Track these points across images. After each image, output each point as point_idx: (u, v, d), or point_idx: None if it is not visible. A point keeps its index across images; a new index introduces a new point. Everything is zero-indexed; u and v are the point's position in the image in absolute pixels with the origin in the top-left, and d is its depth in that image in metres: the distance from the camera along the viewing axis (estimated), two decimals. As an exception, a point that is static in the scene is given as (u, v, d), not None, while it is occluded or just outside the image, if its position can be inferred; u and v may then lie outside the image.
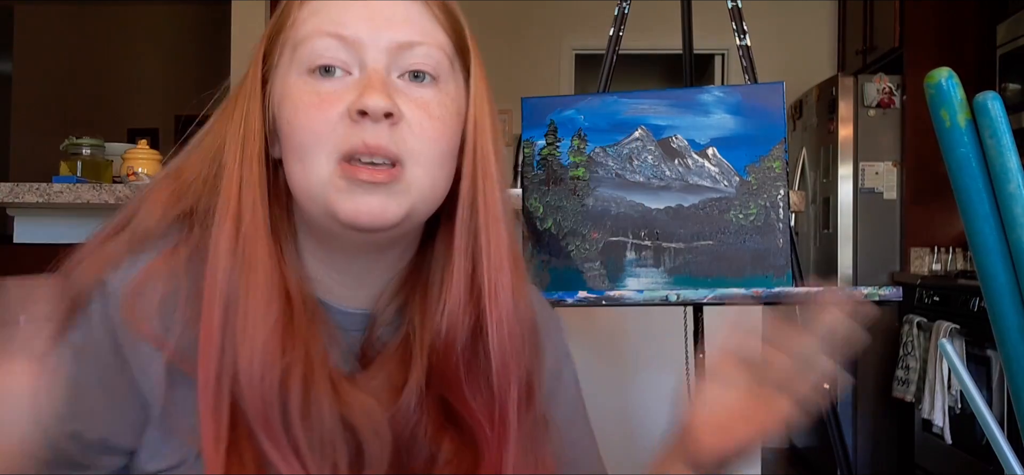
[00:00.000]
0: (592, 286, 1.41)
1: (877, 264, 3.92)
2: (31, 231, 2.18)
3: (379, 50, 0.70)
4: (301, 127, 0.69)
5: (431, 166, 0.71)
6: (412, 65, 0.71)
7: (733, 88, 1.41)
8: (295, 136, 0.70)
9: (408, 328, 0.76)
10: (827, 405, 1.57)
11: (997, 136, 0.55)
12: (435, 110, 0.71)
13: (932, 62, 0.95)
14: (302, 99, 0.69)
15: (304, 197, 0.71)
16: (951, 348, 0.60)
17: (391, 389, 0.73)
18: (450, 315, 0.74)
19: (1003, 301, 0.57)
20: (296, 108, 0.69)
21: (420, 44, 0.71)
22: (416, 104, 0.70)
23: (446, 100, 0.72)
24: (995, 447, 0.59)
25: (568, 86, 4.91)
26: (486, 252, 0.74)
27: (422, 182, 0.70)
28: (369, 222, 0.69)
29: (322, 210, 0.70)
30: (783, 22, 4.74)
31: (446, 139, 0.72)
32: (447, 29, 0.74)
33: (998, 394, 2.98)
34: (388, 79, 0.70)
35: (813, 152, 4.25)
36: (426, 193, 0.71)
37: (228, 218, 0.70)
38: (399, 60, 0.71)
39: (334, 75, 0.70)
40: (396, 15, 0.71)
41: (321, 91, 0.69)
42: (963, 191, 0.57)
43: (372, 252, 0.75)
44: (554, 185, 1.43)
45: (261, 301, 0.68)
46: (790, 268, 1.37)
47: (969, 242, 0.58)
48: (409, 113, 0.70)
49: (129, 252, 0.71)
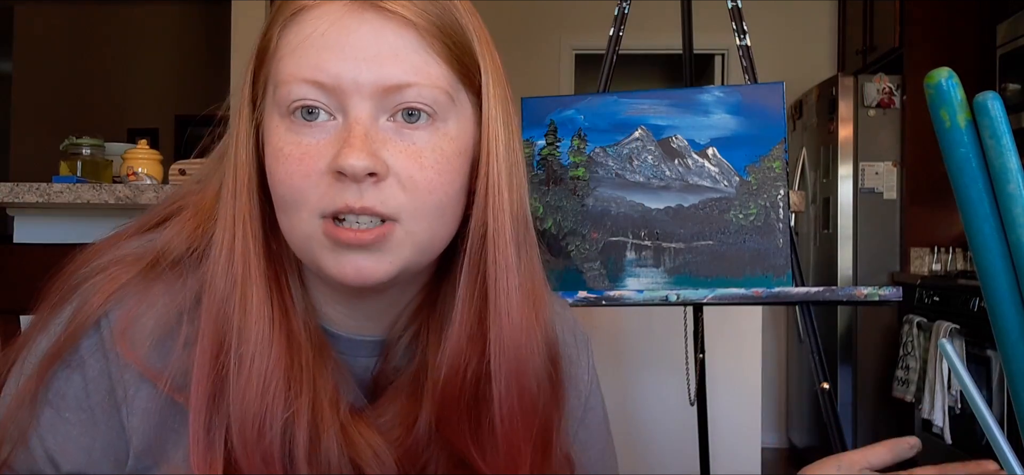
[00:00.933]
0: (592, 286, 1.41)
1: (877, 264, 3.92)
2: (31, 231, 2.18)
3: (362, 96, 0.62)
4: (282, 182, 0.63)
5: (427, 219, 0.64)
6: (404, 104, 0.63)
7: (733, 88, 1.41)
8: (278, 189, 0.64)
9: (420, 360, 0.71)
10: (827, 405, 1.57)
11: (997, 136, 0.55)
12: (428, 159, 0.63)
13: (932, 62, 0.95)
14: (283, 150, 0.63)
15: (294, 246, 0.66)
16: (951, 348, 0.60)
17: (402, 425, 0.69)
18: (450, 362, 0.68)
19: (1003, 301, 0.57)
20: (277, 159, 0.63)
21: (411, 85, 0.62)
22: (405, 154, 0.62)
23: (443, 142, 0.64)
24: (995, 447, 0.59)
25: (568, 86, 4.91)
26: (493, 298, 0.67)
27: (419, 236, 0.64)
28: (356, 282, 0.63)
29: (312, 265, 0.66)
30: (783, 22, 4.74)
31: (443, 187, 0.64)
32: (446, 57, 0.64)
33: (998, 394, 2.98)
34: (372, 129, 0.62)
35: (813, 152, 4.25)
36: (425, 245, 0.65)
37: (223, 252, 0.65)
38: (387, 102, 0.62)
39: (317, 118, 0.62)
40: (383, 51, 0.62)
41: (302, 143, 0.62)
42: (963, 191, 0.57)
43: (370, 296, 0.70)
44: (554, 185, 1.43)
45: (255, 347, 0.64)
46: (790, 268, 1.37)
47: (969, 242, 0.58)
48: (398, 165, 0.62)
49: (143, 279, 0.67)
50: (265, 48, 0.66)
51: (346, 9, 0.63)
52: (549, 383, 0.72)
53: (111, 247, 0.70)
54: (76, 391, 0.65)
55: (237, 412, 0.62)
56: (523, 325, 0.68)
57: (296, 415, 0.63)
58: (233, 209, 0.66)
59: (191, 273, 0.68)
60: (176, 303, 0.66)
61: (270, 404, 0.63)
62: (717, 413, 2.11)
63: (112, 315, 0.65)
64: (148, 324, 0.65)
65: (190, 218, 0.70)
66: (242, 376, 0.63)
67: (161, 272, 0.68)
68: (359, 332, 0.72)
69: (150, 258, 0.68)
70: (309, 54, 0.62)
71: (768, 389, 4.51)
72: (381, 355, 0.72)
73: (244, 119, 0.67)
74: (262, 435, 0.62)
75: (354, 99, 0.62)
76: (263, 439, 0.62)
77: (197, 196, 0.72)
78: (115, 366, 0.65)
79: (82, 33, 5.98)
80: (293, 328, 0.66)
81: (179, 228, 0.70)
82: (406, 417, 0.69)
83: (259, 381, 0.63)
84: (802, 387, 4.36)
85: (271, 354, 0.64)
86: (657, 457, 2.22)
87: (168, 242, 0.69)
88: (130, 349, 0.64)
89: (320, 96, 0.62)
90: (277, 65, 0.64)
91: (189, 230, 0.69)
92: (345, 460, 0.65)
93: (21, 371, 0.67)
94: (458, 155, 0.65)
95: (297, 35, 0.63)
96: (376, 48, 0.62)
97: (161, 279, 0.67)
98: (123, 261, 0.68)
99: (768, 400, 4.50)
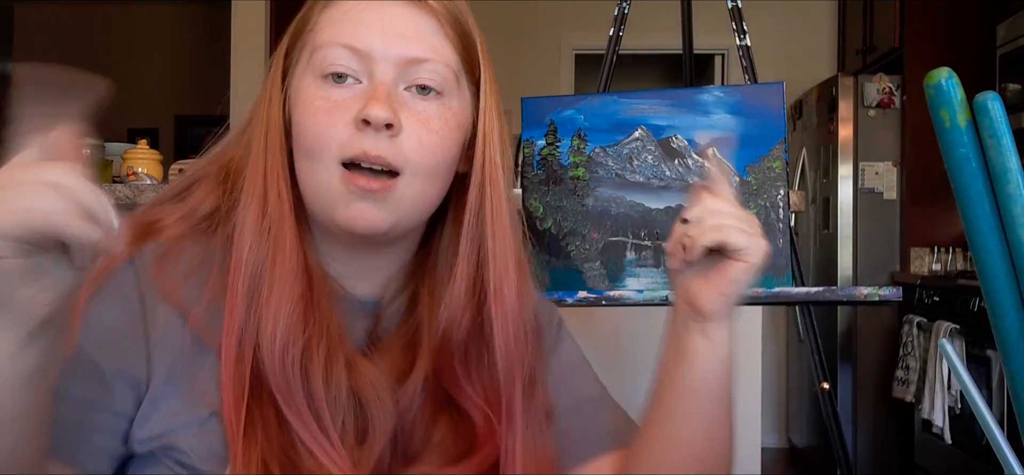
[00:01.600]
0: (592, 286, 1.41)
1: (877, 264, 3.92)
2: (31, 231, 2.17)
3: (388, 63, 0.74)
4: (310, 131, 0.73)
5: (424, 178, 0.75)
6: (418, 80, 0.74)
7: (733, 88, 1.41)
8: (304, 138, 0.74)
9: (414, 321, 0.80)
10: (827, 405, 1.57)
11: (997, 136, 0.55)
12: (435, 124, 0.75)
13: (932, 62, 0.95)
14: (313, 103, 0.74)
15: (309, 195, 0.75)
16: (951, 348, 0.60)
17: (396, 374, 0.77)
18: (450, 314, 0.78)
19: (1003, 301, 0.57)
20: (307, 111, 0.74)
21: (428, 61, 0.74)
22: (417, 118, 0.74)
23: (448, 114, 0.76)
24: (995, 447, 0.59)
25: (568, 86, 4.91)
26: (492, 257, 0.78)
27: (413, 193, 0.75)
28: (363, 228, 0.73)
29: (323, 211, 0.75)
30: (783, 22, 4.74)
31: (442, 152, 0.75)
32: (457, 45, 0.77)
33: (998, 394, 2.98)
34: (394, 91, 0.74)
35: (813, 152, 4.25)
36: (417, 202, 0.76)
37: (254, 200, 0.74)
38: (407, 74, 0.74)
39: (345, 82, 0.74)
40: (408, 31, 0.74)
41: (331, 97, 0.73)
42: (963, 191, 0.57)
43: (371, 249, 0.79)
44: (554, 185, 1.43)
45: (288, 276, 0.73)
46: (790, 268, 1.37)
47: (969, 242, 0.58)
48: (409, 125, 0.73)
49: (176, 227, 0.76)
50: (303, 25, 0.78)
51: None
52: (534, 334, 0.83)
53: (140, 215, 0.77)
54: (114, 313, 0.71)
55: (267, 330, 0.71)
56: (515, 280, 0.79)
57: (312, 340, 0.72)
58: (264, 161, 0.75)
59: (221, 227, 0.77)
60: (206, 251, 0.75)
61: (293, 327, 0.71)
62: (717, 413, 2.11)
63: (146, 252, 0.73)
64: (180, 264, 0.74)
65: (215, 183, 0.79)
66: (272, 300, 0.71)
67: (192, 224, 0.77)
68: (355, 291, 0.80)
69: (181, 213, 0.77)
70: (347, 26, 0.74)
71: (768, 389, 4.51)
72: (374, 316, 0.81)
73: (276, 83, 0.77)
74: (285, 352, 0.70)
75: (381, 65, 0.74)
76: (286, 356, 0.70)
77: (220, 163, 0.81)
78: (148, 295, 0.72)
79: (82, 33, 5.98)
80: (313, 270, 0.76)
81: (207, 191, 0.79)
82: (400, 368, 0.77)
83: (286, 305, 0.71)
84: (802, 387, 4.36)
85: (295, 287, 0.72)
86: (657, 457, 2.22)
87: (198, 202, 0.78)
88: (165, 280, 0.72)
89: (352, 61, 0.74)
90: (316, 37, 0.75)
91: (216, 193, 0.78)
92: (349, 389, 0.73)
93: None
94: (458, 129, 0.77)
95: (336, 11, 0.75)
96: (403, 27, 0.74)
97: (192, 232, 0.77)
98: (155, 212, 0.78)
99: (768, 400, 4.50)
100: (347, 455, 0.71)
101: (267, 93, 0.78)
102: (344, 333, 0.76)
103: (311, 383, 0.71)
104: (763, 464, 2.40)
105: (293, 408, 0.70)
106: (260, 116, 0.78)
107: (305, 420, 0.70)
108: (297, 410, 0.70)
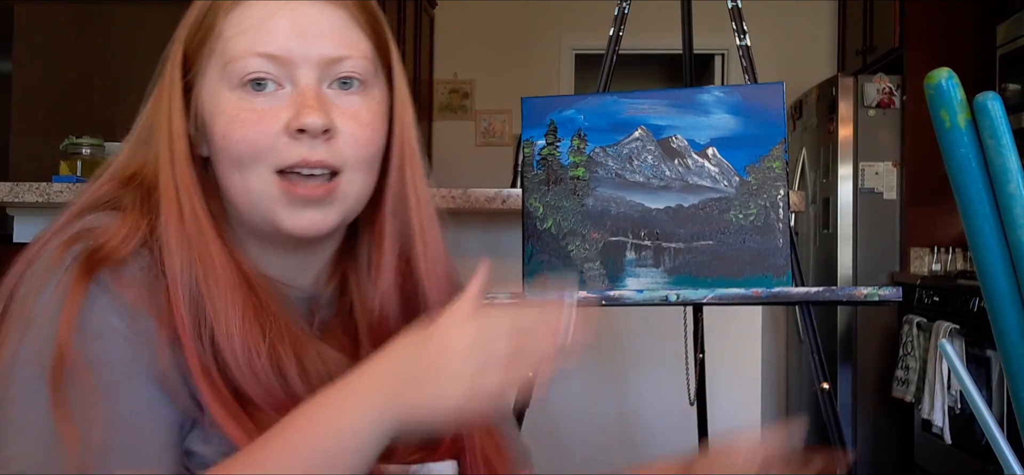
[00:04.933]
0: (592, 286, 1.41)
1: (877, 264, 3.92)
2: (31, 231, 2.18)
3: (309, 66, 0.73)
4: (238, 141, 0.72)
5: (363, 171, 0.76)
6: (341, 74, 0.74)
7: (733, 88, 1.41)
8: (231, 149, 0.72)
9: (349, 302, 0.82)
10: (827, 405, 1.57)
11: (997, 137, 0.55)
12: (365, 117, 0.75)
13: (932, 62, 0.95)
14: (238, 114, 0.72)
15: (242, 204, 0.74)
16: (951, 348, 0.60)
17: (348, 360, 0.76)
18: (383, 296, 0.79)
19: (1003, 301, 0.57)
20: (233, 123, 0.72)
21: (347, 57, 0.74)
22: (347, 114, 0.74)
23: (373, 104, 0.76)
24: (995, 447, 0.59)
25: (568, 86, 4.91)
26: (420, 238, 0.80)
27: (356, 187, 0.75)
28: (309, 233, 0.74)
29: (262, 217, 0.74)
30: (783, 22, 4.74)
31: (376, 143, 0.76)
32: (370, 35, 0.77)
33: (998, 394, 2.98)
34: (321, 93, 0.73)
35: (813, 152, 4.25)
36: (360, 195, 0.77)
37: (172, 216, 0.72)
38: (328, 72, 0.74)
39: (266, 88, 0.72)
40: (323, 29, 0.74)
41: (257, 107, 0.72)
42: (963, 191, 0.57)
43: (308, 247, 0.79)
44: (554, 185, 1.43)
45: (226, 290, 0.71)
46: (790, 268, 1.37)
47: (969, 242, 0.58)
48: (342, 125, 0.73)
49: (121, 246, 0.70)
50: (206, 32, 0.75)
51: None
52: None
53: (42, 248, 0.71)
54: (118, 353, 0.67)
55: (225, 349, 0.69)
56: (439, 247, 0.82)
57: (275, 343, 0.71)
58: (173, 176, 0.73)
59: (138, 206, 0.74)
60: (146, 263, 0.71)
61: (251, 336, 0.70)
62: (717, 413, 2.11)
63: (102, 276, 0.68)
64: (133, 275, 0.69)
65: (135, 196, 0.75)
66: (219, 319, 0.69)
67: (133, 244, 0.71)
68: (294, 284, 0.80)
69: (119, 234, 0.71)
70: (261, 32, 0.72)
71: (768, 389, 4.51)
72: (311, 309, 0.80)
73: (176, 93, 0.75)
74: (252, 365, 0.69)
75: (302, 69, 0.73)
76: (255, 366, 0.69)
77: (125, 176, 0.77)
78: (131, 317, 0.68)
79: (82, 33, 5.98)
80: (250, 275, 0.74)
81: (131, 206, 0.74)
82: (349, 354, 0.77)
83: (234, 318, 0.70)
84: (802, 387, 4.36)
85: (237, 297, 0.71)
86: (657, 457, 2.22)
87: (131, 222, 0.72)
88: (135, 294, 0.68)
89: (271, 68, 0.72)
90: (226, 46, 0.73)
91: (138, 210, 0.74)
92: (323, 376, 0.72)
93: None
94: (382, 117, 0.77)
95: (244, 17, 0.73)
96: (318, 26, 0.73)
97: (134, 251, 0.71)
98: (92, 237, 0.71)
99: (768, 400, 4.50)
100: None
101: (166, 104, 0.75)
102: (302, 326, 0.76)
103: (290, 383, 0.71)
104: (763, 464, 2.39)
105: (280, 412, 0.68)
106: (162, 128, 0.75)
107: None
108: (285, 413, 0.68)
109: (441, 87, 4.96)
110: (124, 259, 0.69)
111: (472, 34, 4.90)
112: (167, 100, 0.75)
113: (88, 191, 0.77)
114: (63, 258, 0.68)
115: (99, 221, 0.72)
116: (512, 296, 0.72)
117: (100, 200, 0.75)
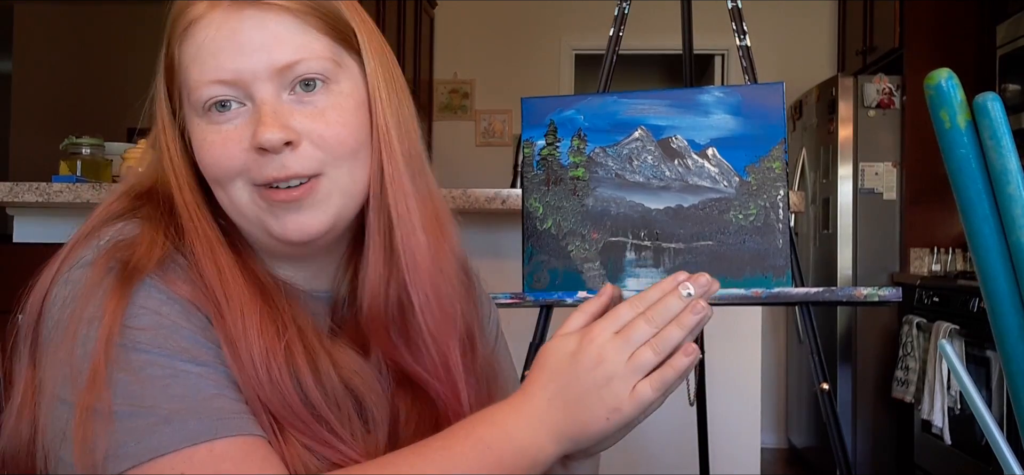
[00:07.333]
0: (592, 286, 1.41)
1: (877, 264, 3.92)
2: (31, 231, 2.18)
3: (262, 80, 0.72)
4: (211, 164, 0.73)
5: (345, 165, 0.74)
6: (298, 78, 0.73)
7: (733, 88, 1.41)
8: (209, 172, 0.74)
9: (359, 300, 0.81)
10: (827, 405, 1.57)
11: (997, 137, 0.55)
12: (331, 115, 0.73)
13: (932, 62, 0.95)
14: (205, 138, 0.73)
15: (237, 218, 0.76)
16: (951, 349, 0.60)
17: (363, 360, 0.78)
18: (370, 288, 0.78)
19: (1003, 302, 0.57)
20: (203, 149, 0.73)
21: (299, 60, 0.72)
22: (311, 117, 0.73)
23: (341, 99, 0.74)
24: (994, 448, 0.59)
25: (568, 86, 4.91)
26: (399, 222, 0.77)
27: (341, 183, 0.74)
28: (299, 237, 0.74)
29: (254, 227, 0.75)
30: (783, 22, 4.74)
31: (351, 135, 0.74)
32: (323, 30, 0.74)
33: (998, 394, 2.98)
34: (279, 106, 0.72)
35: (813, 152, 4.25)
36: (348, 190, 0.75)
37: (198, 241, 0.74)
38: (284, 79, 0.72)
39: (229, 109, 0.72)
40: (267, 40, 0.72)
41: (222, 131, 0.73)
42: (963, 192, 0.57)
43: (314, 249, 0.79)
44: (554, 185, 1.43)
45: (241, 297, 0.71)
46: (790, 269, 1.37)
47: (969, 243, 0.58)
48: (306, 128, 0.72)
49: (156, 260, 0.72)
50: (170, 65, 0.76)
51: (228, 11, 0.72)
52: (464, 289, 0.84)
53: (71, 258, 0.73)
54: (178, 335, 0.68)
55: (243, 355, 0.69)
56: (430, 241, 0.79)
57: (291, 344, 0.72)
58: (183, 201, 0.75)
59: (154, 216, 0.75)
60: (183, 266, 0.73)
61: (268, 339, 0.70)
62: (717, 413, 2.11)
63: (149, 278, 0.70)
64: (177, 275, 0.71)
65: (156, 211, 0.76)
66: (237, 329, 0.70)
67: (162, 255, 0.73)
68: (311, 288, 0.81)
69: (155, 249, 0.73)
70: (207, 59, 0.72)
71: (768, 389, 4.51)
72: (331, 308, 0.82)
73: (168, 127, 0.77)
74: (269, 366, 0.70)
75: (256, 85, 0.72)
76: (272, 369, 0.70)
77: (142, 189, 0.78)
78: (186, 310, 0.70)
79: (82, 33, 5.98)
80: (261, 279, 0.75)
81: (150, 218, 0.75)
82: (359, 348, 0.78)
83: (253, 329, 0.70)
84: (802, 387, 4.36)
85: (253, 304, 0.72)
86: (657, 457, 2.22)
87: (141, 238, 0.73)
88: (188, 290, 0.70)
89: (227, 91, 0.72)
90: (185, 76, 0.74)
91: (161, 224, 0.75)
92: (339, 379, 0.74)
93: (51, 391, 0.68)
94: (358, 109, 0.75)
95: (193, 46, 0.73)
96: (262, 38, 0.72)
97: (169, 258, 0.73)
98: (125, 252, 0.72)
99: (768, 400, 4.50)
100: (362, 447, 0.72)
101: (164, 138, 0.77)
102: (314, 327, 0.76)
103: (305, 388, 0.71)
104: (763, 464, 2.40)
105: (307, 433, 0.70)
106: (165, 156, 0.77)
107: (321, 438, 0.70)
108: (312, 433, 0.70)
109: (441, 87, 4.96)
110: (163, 260, 0.72)
111: (472, 34, 4.90)
112: (163, 130, 0.77)
113: (103, 206, 0.78)
114: (110, 265, 0.70)
115: (124, 232, 0.73)
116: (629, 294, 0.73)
117: (114, 215, 0.76)
